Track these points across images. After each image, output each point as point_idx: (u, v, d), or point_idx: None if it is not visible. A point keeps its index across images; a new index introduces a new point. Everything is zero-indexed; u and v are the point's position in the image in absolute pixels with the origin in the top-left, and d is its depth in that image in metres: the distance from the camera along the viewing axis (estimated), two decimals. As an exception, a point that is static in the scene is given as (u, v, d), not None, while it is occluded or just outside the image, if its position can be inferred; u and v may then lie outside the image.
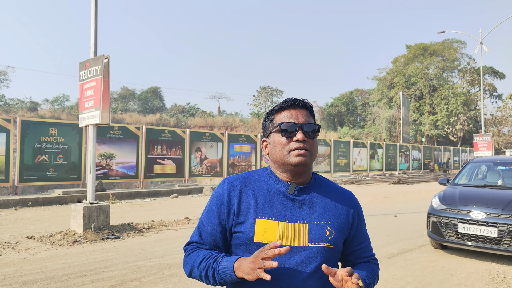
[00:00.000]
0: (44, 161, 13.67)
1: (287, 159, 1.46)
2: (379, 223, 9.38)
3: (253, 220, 1.44)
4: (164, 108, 54.18)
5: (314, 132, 1.50)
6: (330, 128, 53.62)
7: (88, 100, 7.81)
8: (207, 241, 1.51)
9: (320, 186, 1.56)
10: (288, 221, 1.44)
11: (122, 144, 15.75)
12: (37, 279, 4.88)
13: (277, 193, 1.48)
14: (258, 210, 1.45)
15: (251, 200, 1.47)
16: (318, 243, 1.43)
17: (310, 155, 1.47)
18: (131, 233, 7.76)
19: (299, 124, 1.47)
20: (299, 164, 1.44)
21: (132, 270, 5.32)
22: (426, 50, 50.28)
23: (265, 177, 1.54)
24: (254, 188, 1.50)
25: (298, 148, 1.45)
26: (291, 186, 1.49)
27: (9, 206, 11.57)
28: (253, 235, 1.42)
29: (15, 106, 41.79)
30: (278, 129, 1.49)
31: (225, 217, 1.49)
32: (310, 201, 1.49)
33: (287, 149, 1.46)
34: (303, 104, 1.53)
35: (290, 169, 1.47)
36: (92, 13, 7.93)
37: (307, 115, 1.52)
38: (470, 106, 49.11)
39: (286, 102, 1.52)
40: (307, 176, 1.52)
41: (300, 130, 1.46)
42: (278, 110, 1.53)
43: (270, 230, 1.42)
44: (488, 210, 5.99)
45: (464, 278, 5.29)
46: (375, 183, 24.04)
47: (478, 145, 25.14)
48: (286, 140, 1.47)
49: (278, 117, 1.52)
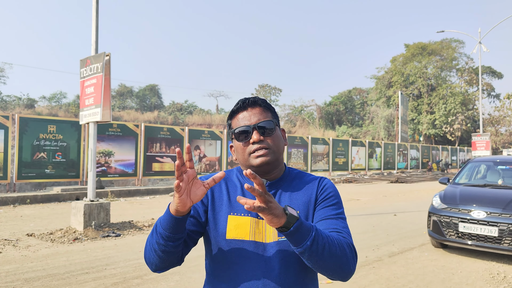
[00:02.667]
0: (43, 158, 13.64)
1: (249, 162, 1.45)
2: (379, 222, 9.40)
3: (225, 216, 1.43)
4: (162, 105, 54.06)
5: (270, 129, 1.46)
6: (329, 126, 53.64)
7: (88, 98, 7.78)
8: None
9: (291, 179, 1.53)
10: (260, 217, 1.41)
11: (120, 141, 15.72)
12: (39, 277, 4.87)
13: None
14: (230, 206, 1.44)
15: (224, 196, 1.47)
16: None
17: (272, 152, 1.44)
18: (131, 231, 7.75)
19: (252, 125, 1.44)
20: (262, 164, 1.43)
21: (134, 268, 5.31)
22: (425, 50, 50.34)
23: (239, 176, 1.54)
24: (227, 185, 1.50)
25: (256, 149, 1.43)
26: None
27: (7, 203, 11.53)
28: (225, 231, 1.41)
29: (12, 103, 41.60)
30: (234, 135, 1.48)
31: (199, 212, 1.46)
32: (280, 195, 1.47)
33: (247, 152, 1.45)
34: (254, 102, 1.49)
35: (256, 171, 1.45)
36: (93, 10, 7.90)
37: (260, 112, 1.48)
38: (468, 105, 49.24)
39: (237, 104, 1.50)
40: (278, 171, 1.50)
41: (255, 131, 1.44)
42: (232, 115, 1.52)
43: (242, 226, 1.40)
44: (489, 209, 6.01)
45: (465, 277, 5.30)
46: (374, 182, 24.09)
47: (476, 145, 25.22)
48: (244, 144, 1.45)
49: (234, 122, 1.50)
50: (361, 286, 4.83)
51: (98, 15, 7.95)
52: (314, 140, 25.01)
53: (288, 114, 55.98)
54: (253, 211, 1.13)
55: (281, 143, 1.49)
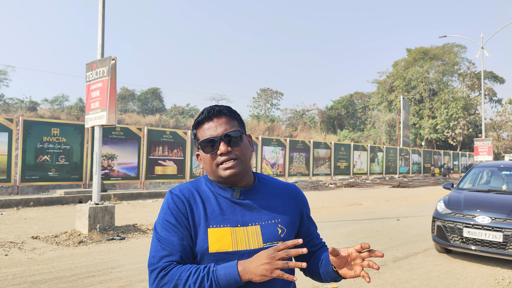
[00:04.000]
0: (46, 161, 13.68)
1: (218, 173, 1.43)
2: (382, 226, 9.41)
3: (205, 230, 1.39)
4: (164, 109, 54.14)
5: (237, 138, 1.43)
6: (330, 131, 53.67)
7: (94, 101, 7.82)
8: (180, 250, 1.37)
9: (265, 185, 1.54)
10: (240, 225, 1.41)
11: (123, 145, 15.76)
12: (45, 279, 4.89)
13: (223, 199, 1.45)
14: (208, 219, 1.41)
15: (201, 210, 1.42)
16: (273, 242, 1.42)
17: (241, 162, 1.43)
18: (136, 234, 7.77)
19: (218, 136, 1.41)
20: (230, 176, 1.41)
21: (139, 271, 5.33)
22: (427, 54, 50.45)
23: (209, 185, 1.49)
24: (202, 197, 1.45)
25: (224, 160, 1.41)
26: (236, 190, 1.45)
27: (11, 206, 11.56)
28: (207, 246, 1.37)
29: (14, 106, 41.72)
30: (200, 146, 1.45)
31: (186, 223, 1.40)
32: (257, 202, 1.47)
33: (214, 163, 1.42)
34: (219, 111, 1.45)
35: (224, 181, 1.44)
36: (100, 15, 7.96)
37: (226, 122, 1.44)
38: (470, 110, 49.24)
39: (201, 115, 1.46)
40: (247, 179, 1.49)
41: (222, 142, 1.41)
42: (197, 126, 1.47)
43: (224, 238, 1.38)
44: (494, 215, 6.02)
45: (470, 282, 5.31)
46: (376, 186, 24.08)
47: (479, 150, 25.22)
48: (211, 156, 1.43)
49: (199, 133, 1.46)
50: (367, 290, 4.83)
51: (104, 20, 8.01)
52: (316, 144, 25.04)
53: (290, 118, 56.05)
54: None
55: (248, 152, 1.47)
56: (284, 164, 22.47)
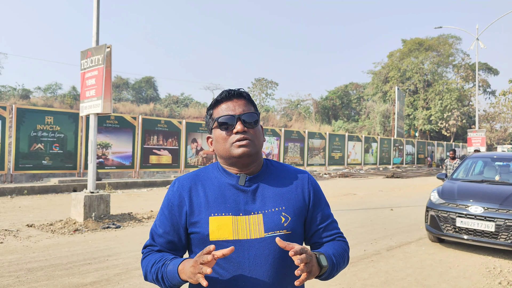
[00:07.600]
0: (40, 149, 13.59)
1: (230, 152, 1.42)
2: (376, 216, 9.50)
3: (206, 218, 1.40)
4: (158, 98, 53.87)
5: (254, 121, 1.45)
6: (325, 121, 53.74)
7: (89, 89, 7.77)
8: (160, 244, 1.48)
9: (272, 172, 1.52)
10: (242, 214, 1.40)
11: (118, 133, 15.69)
12: (41, 267, 4.91)
13: (228, 186, 1.45)
14: (210, 207, 1.41)
15: (202, 199, 1.43)
16: (274, 232, 1.40)
17: (254, 145, 1.43)
18: (131, 223, 7.79)
19: (236, 115, 1.42)
20: (243, 155, 1.40)
21: (135, 259, 5.36)
22: (422, 45, 50.41)
23: (215, 172, 1.50)
24: (204, 186, 1.46)
25: (239, 139, 1.41)
26: (241, 177, 1.45)
27: (4, 194, 11.52)
28: (207, 233, 1.39)
29: (7, 94, 41.30)
30: (217, 124, 1.45)
31: (177, 218, 1.45)
32: (262, 189, 1.46)
33: (229, 142, 1.42)
34: (239, 93, 1.47)
35: (236, 162, 1.44)
36: (95, 2, 7.86)
37: (244, 104, 1.46)
38: (464, 101, 49.46)
39: (221, 94, 1.48)
40: (257, 165, 1.48)
41: (239, 121, 1.42)
42: (215, 105, 1.48)
43: (224, 227, 1.38)
44: (486, 205, 6.10)
45: (462, 271, 5.40)
46: (370, 176, 24.23)
47: (472, 141, 25.40)
48: (226, 134, 1.43)
49: (216, 112, 1.47)
50: (361, 279, 4.90)
51: (99, 7, 7.91)
52: (311, 134, 25.08)
53: (285, 108, 56.01)
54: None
55: (261, 138, 1.49)
56: (278, 154, 22.51)
